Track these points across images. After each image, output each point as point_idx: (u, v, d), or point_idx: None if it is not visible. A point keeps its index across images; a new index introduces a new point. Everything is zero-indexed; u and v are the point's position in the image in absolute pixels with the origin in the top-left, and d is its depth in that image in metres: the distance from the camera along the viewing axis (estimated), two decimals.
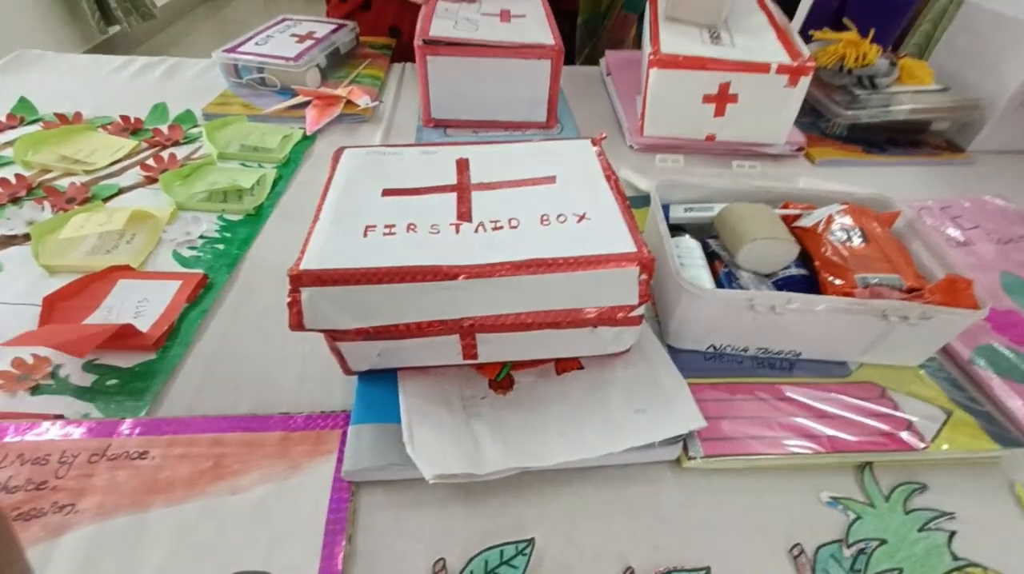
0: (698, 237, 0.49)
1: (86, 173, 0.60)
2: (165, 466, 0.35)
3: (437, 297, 0.32)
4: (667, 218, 0.50)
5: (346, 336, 0.35)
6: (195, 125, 0.71)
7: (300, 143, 0.68)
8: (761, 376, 0.43)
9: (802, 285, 0.43)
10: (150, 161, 0.62)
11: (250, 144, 0.67)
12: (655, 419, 0.37)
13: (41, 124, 0.68)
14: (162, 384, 0.40)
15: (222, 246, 0.52)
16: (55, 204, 0.55)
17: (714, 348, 0.43)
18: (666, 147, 0.71)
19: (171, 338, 0.43)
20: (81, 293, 0.45)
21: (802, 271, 0.44)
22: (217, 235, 0.53)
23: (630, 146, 0.73)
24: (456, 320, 0.34)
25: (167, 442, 0.36)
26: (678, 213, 0.50)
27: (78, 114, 0.70)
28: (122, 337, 0.41)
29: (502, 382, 0.40)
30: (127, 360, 0.41)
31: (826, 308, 0.38)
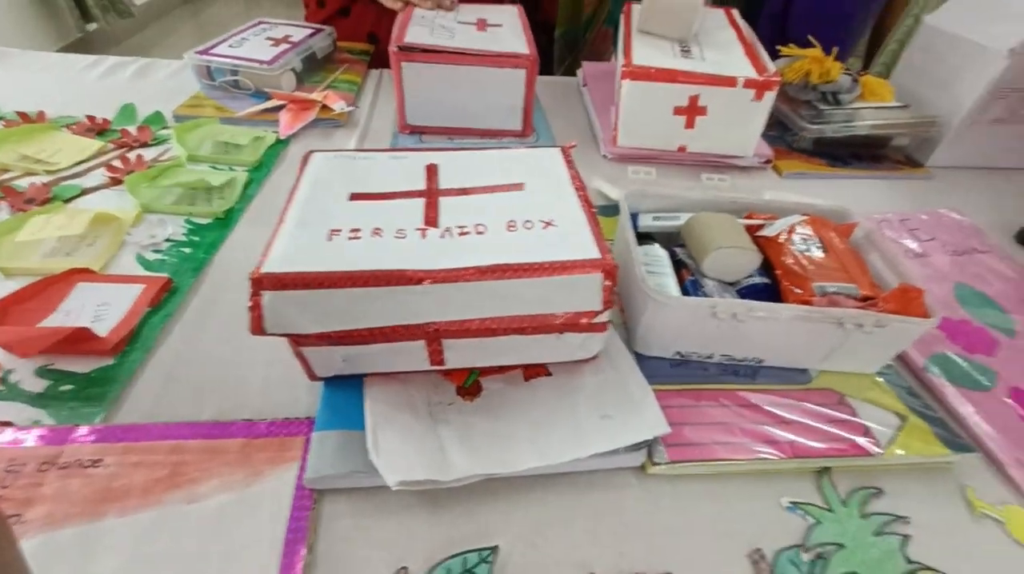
0: (667, 246, 0.49)
1: (48, 173, 0.59)
2: (120, 474, 0.34)
3: (401, 302, 0.32)
4: (636, 227, 0.50)
5: (309, 341, 0.35)
6: (165, 127, 0.69)
7: (273, 147, 0.68)
8: (726, 383, 0.43)
9: (765, 293, 0.45)
10: (116, 162, 0.61)
11: (221, 147, 0.66)
12: (621, 425, 0.37)
13: (2, 123, 0.66)
14: (120, 390, 0.39)
15: (188, 250, 0.51)
16: (13, 205, 0.53)
17: (680, 355, 0.44)
18: (639, 158, 0.73)
19: (131, 343, 0.42)
20: (37, 296, 0.44)
21: (764, 280, 0.45)
22: (184, 239, 0.52)
23: (604, 156, 0.74)
24: (421, 325, 0.34)
25: (123, 450, 0.35)
26: (647, 222, 0.50)
27: (41, 113, 0.68)
28: (78, 341, 0.39)
29: (470, 388, 0.40)
30: (84, 365, 0.40)
31: (785, 316, 0.39)
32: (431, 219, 0.37)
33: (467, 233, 0.36)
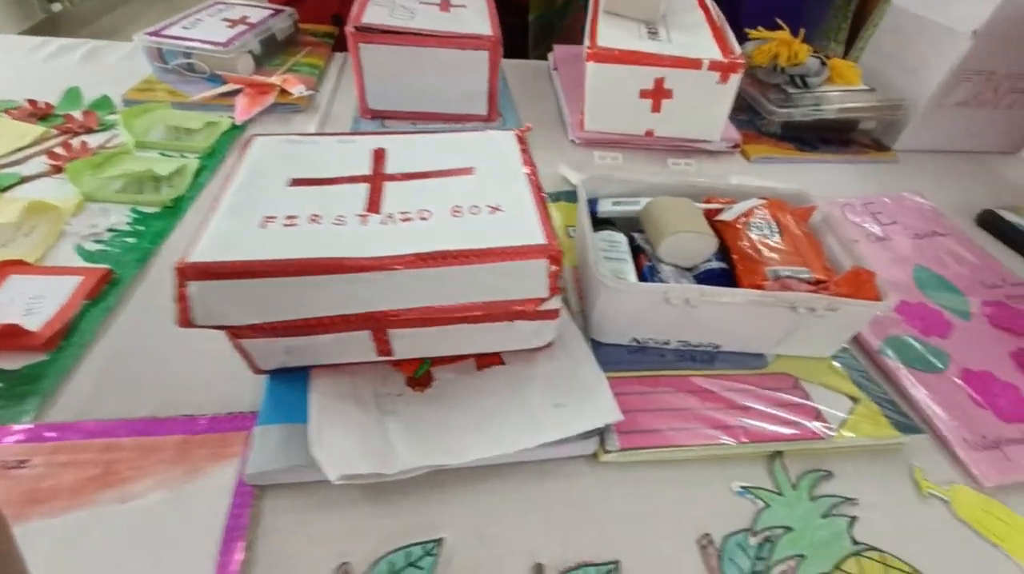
0: (627, 231, 0.49)
1: None
2: (47, 475, 0.32)
3: (338, 291, 0.31)
4: (595, 212, 0.50)
5: (247, 333, 0.33)
6: (112, 112, 0.66)
7: (228, 133, 0.65)
8: (683, 369, 0.43)
9: (722, 278, 0.44)
10: (59, 149, 0.58)
11: (172, 132, 0.63)
12: (573, 413, 0.37)
13: None
14: (54, 387, 0.38)
15: (132, 240, 0.49)
16: None
17: (637, 341, 0.43)
18: (607, 142, 0.72)
19: (67, 338, 0.40)
20: None
21: (722, 265, 0.45)
22: (128, 228, 0.50)
23: (572, 141, 0.73)
24: (360, 315, 0.32)
25: (51, 449, 0.33)
26: (606, 207, 0.50)
27: None
28: (6, 337, 0.38)
29: (420, 379, 0.39)
30: (14, 362, 0.38)
31: (739, 300, 0.39)
32: (374, 205, 0.36)
33: (410, 219, 0.34)
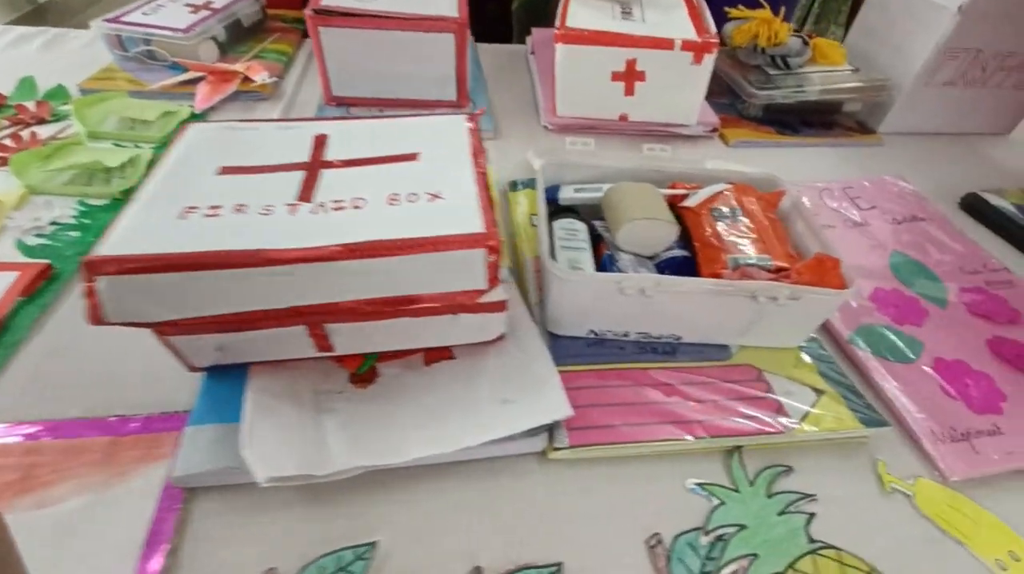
0: (592, 219, 0.47)
1: None
2: None
3: (259, 285, 0.30)
4: (557, 199, 0.48)
5: (171, 330, 0.32)
6: (67, 102, 0.64)
7: (185, 122, 0.63)
8: (644, 361, 0.41)
9: (683, 267, 0.42)
10: (8, 140, 0.56)
11: (127, 122, 0.61)
12: (521, 409, 0.35)
13: None
14: None
15: (76, 233, 0.47)
16: None
17: (595, 334, 0.42)
18: (580, 128, 0.69)
19: None
20: None
21: (684, 253, 0.43)
22: (73, 221, 0.49)
23: (545, 126, 0.70)
24: (287, 310, 0.31)
25: None
26: (568, 194, 0.48)
27: None
28: None
29: (364, 375, 0.37)
30: None
31: (696, 290, 0.37)
32: (306, 193, 0.34)
33: (343, 208, 0.33)
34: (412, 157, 0.38)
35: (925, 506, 0.35)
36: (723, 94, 0.81)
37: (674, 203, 0.46)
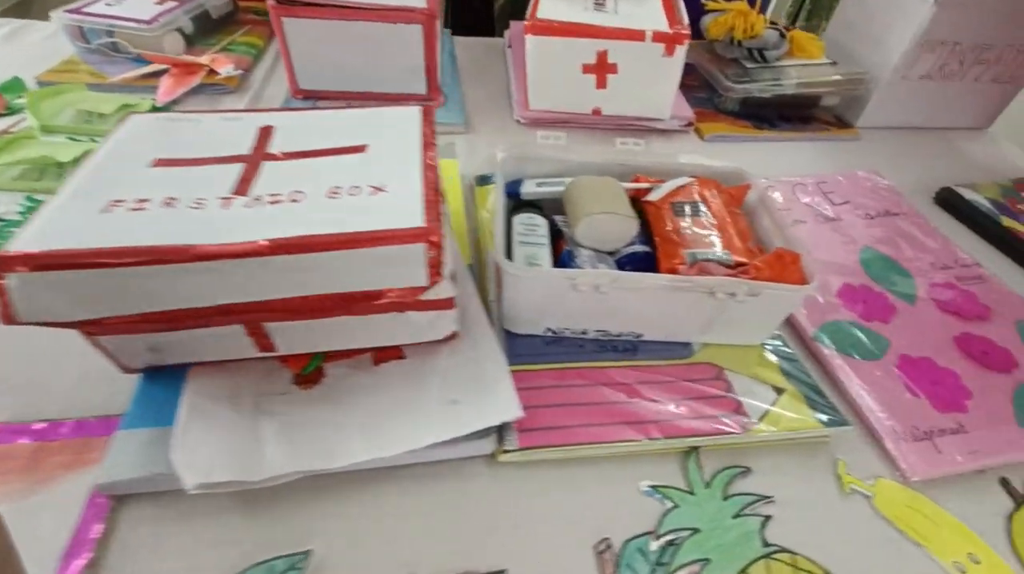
0: (554, 214, 0.46)
1: None
2: None
3: (183, 281, 0.28)
4: (518, 194, 0.47)
5: (96, 329, 0.30)
6: (23, 94, 0.62)
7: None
8: (605, 360, 0.40)
9: (644, 262, 0.41)
10: None
11: (83, 116, 0.60)
12: (468, 410, 0.34)
13: None
14: None
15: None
16: None
17: (552, 332, 0.41)
18: (552, 122, 0.68)
19: None
20: None
21: (645, 248, 0.42)
22: (18, 218, 0.47)
23: (517, 120, 0.69)
24: (216, 308, 0.30)
25: None
26: (530, 188, 0.47)
27: None
28: None
29: (309, 375, 0.36)
30: None
31: (651, 286, 0.36)
32: (242, 187, 0.32)
33: (279, 201, 0.31)
34: (360, 149, 0.36)
35: (884, 507, 0.34)
36: (701, 88, 0.80)
37: (638, 197, 0.45)
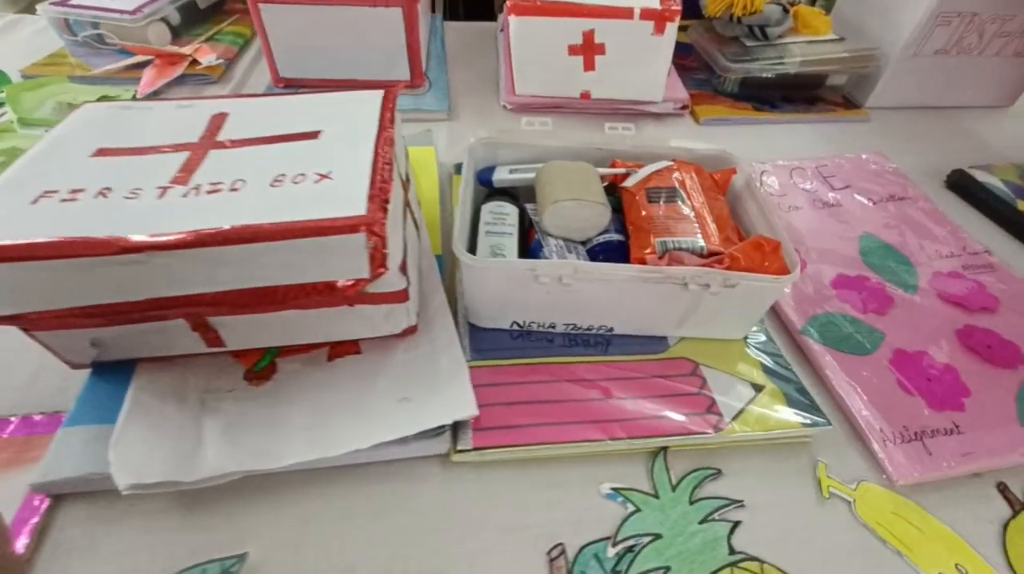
0: (527, 202, 0.44)
1: None
2: None
3: (111, 275, 0.27)
4: (490, 181, 0.45)
5: (29, 324, 0.30)
6: (3, 88, 0.62)
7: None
8: (575, 355, 0.38)
9: (618, 252, 0.39)
10: None
11: (64, 108, 0.59)
12: (420, 408, 0.32)
13: None
14: None
15: None
16: None
17: (519, 325, 0.39)
18: (540, 107, 0.66)
19: None
20: None
21: (619, 237, 0.39)
22: None
23: (503, 106, 0.67)
24: (146, 301, 0.28)
25: None
26: (503, 175, 0.45)
27: None
28: None
29: (261, 371, 0.35)
30: None
31: (617, 277, 0.34)
32: (183, 176, 0.31)
33: (218, 191, 0.30)
34: (313, 135, 0.35)
35: (866, 513, 0.32)
36: (700, 69, 0.76)
37: (616, 183, 0.43)
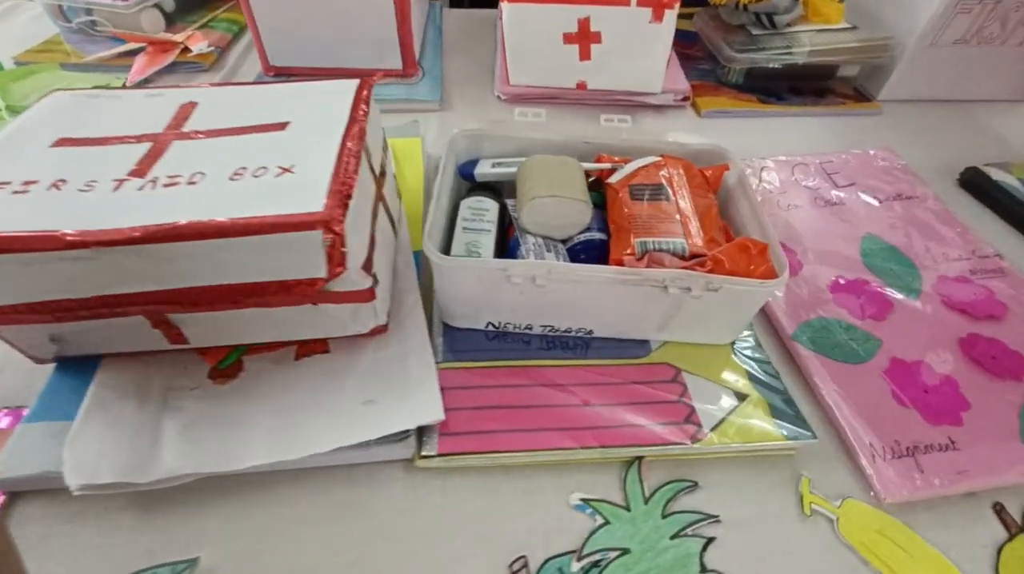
0: (510, 197, 0.42)
1: None
2: None
3: (59, 270, 0.26)
4: (472, 175, 0.43)
5: None
6: None
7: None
8: (552, 358, 0.37)
9: (600, 251, 0.37)
10: None
11: None
12: (384, 412, 0.31)
13: None
14: None
15: None
16: None
17: (494, 326, 0.38)
18: (534, 97, 0.64)
19: None
20: None
21: (602, 235, 0.38)
22: None
23: (498, 96, 0.65)
24: (99, 298, 0.28)
25: None
26: (484, 169, 0.43)
27: None
28: None
29: (227, 370, 0.34)
30: None
31: (593, 279, 0.32)
32: (142, 168, 0.30)
33: (176, 184, 0.29)
34: (281, 127, 0.34)
35: (849, 532, 0.30)
36: (705, 59, 0.73)
37: (602, 178, 0.41)
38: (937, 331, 0.40)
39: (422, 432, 0.32)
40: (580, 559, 0.29)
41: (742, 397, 0.34)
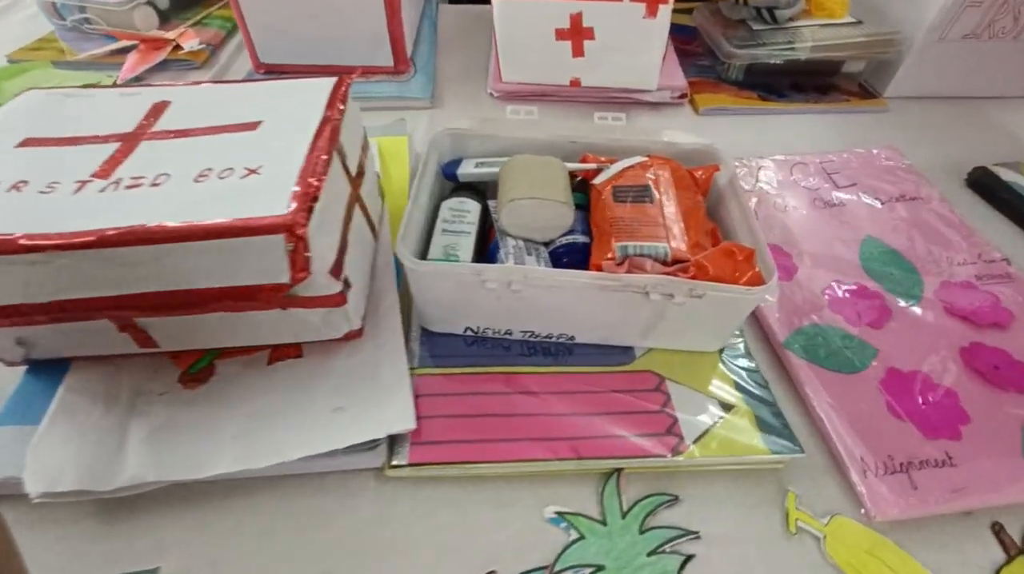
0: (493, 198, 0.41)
1: None
2: None
3: (15, 274, 0.26)
4: (455, 175, 0.42)
5: None
6: None
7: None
8: (533, 365, 0.36)
9: (583, 255, 0.36)
10: None
11: None
12: (354, 419, 0.31)
13: None
14: None
15: None
16: None
17: (472, 331, 0.37)
18: (528, 94, 0.62)
19: None
20: None
21: (585, 239, 0.37)
22: None
23: (490, 94, 0.64)
24: (58, 302, 0.27)
25: None
26: (468, 169, 0.42)
27: None
28: None
29: (197, 374, 0.33)
30: None
31: (573, 284, 0.31)
32: (107, 169, 0.29)
33: (139, 186, 0.28)
34: (253, 126, 0.33)
35: (836, 551, 0.29)
36: (705, 55, 0.72)
37: (587, 179, 0.40)
38: (938, 340, 0.38)
39: (394, 440, 0.31)
40: None
41: (728, 407, 0.33)
